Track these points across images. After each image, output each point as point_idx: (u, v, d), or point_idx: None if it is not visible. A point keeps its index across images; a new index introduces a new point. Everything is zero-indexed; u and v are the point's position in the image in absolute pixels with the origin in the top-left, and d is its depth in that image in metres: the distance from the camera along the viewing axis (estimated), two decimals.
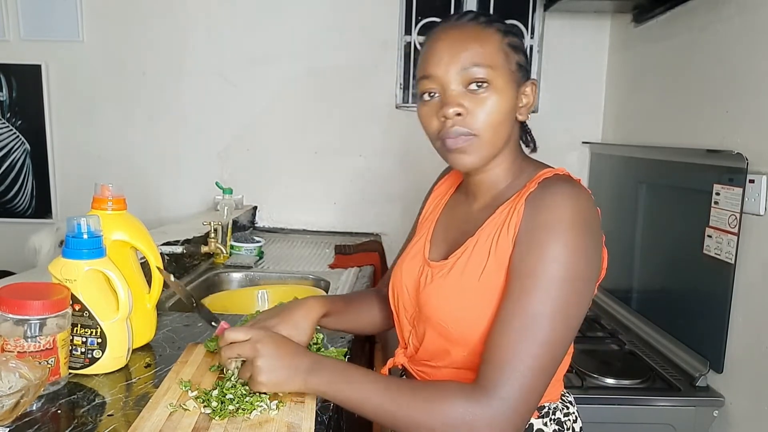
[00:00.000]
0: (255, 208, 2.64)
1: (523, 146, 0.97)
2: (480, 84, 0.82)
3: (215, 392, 0.88)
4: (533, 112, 0.91)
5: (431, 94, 0.85)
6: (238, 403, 0.85)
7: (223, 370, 0.97)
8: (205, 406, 0.85)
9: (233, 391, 0.87)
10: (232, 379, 0.90)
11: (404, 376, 1.03)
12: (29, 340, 0.87)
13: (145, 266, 1.12)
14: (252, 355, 0.84)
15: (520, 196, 0.83)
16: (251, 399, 0.86)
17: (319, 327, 1.04)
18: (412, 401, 0.76)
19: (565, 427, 0.91)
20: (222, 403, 0.85)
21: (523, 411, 0.74)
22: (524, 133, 0.97)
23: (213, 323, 0.96)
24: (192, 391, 0.90)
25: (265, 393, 0.88)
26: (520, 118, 0.88)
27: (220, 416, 0.83)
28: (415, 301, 0.94)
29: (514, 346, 0.74)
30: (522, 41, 0.88)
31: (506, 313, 0.77)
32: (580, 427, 0.95)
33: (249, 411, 0.84)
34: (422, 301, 0.91)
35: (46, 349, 0.88)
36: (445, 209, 1.00)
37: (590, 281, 0.79)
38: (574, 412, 0.95)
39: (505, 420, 0.73)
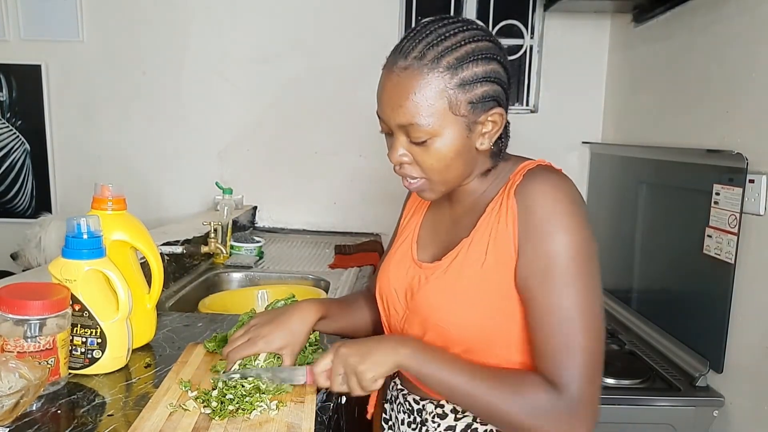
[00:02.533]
0: (255, 208, 2.64)
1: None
2: (419, 138, 0.80)
3: (215, 392, 0.88)
4: (533, 112, 0.90)
5: (383, 131, 0.86)
6: (238, 403, 0.85)
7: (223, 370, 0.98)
8: (204, 406, 0.85)
9: (233, 391, 0.87)
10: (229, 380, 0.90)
11: (396, 378, 1.03)
12: (29, 340, 0.87)
13: (145, 266, 1.12)
14: (343, 364, 0.82)
15: (507, 190, 0.84)
16: (251, 399, 0.86)
17: (315, 331, 1.04)
18: (500, 388, 0.78)
19: None
20: (222, 403, 0.85)
21: (594, 401, 0.78)
22: (499, 140, 0.88)
23: (301, 377, 0.90)
24: (192, 391, 0.90)
25: (264, 393, 0.88)
26: (482, 147, 0.83)
27: (220, 416, 0.83)
28: (407, 303, 0.93)
29: (564, 346, 0.77)
30: (490, 65, 0.79)
31: (541, 316, 0.79)
32: None
33: (249, 411, 0.84)
34: (418, 302, 0.90)
35: (46, 349, 0.88)
36: (429, 212, 1.00)
37: (596, 260, 0.81)
38: None
39: (584, 414, 0.76)
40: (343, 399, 1.02)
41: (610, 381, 1.54)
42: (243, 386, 0.88)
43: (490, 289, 0.83)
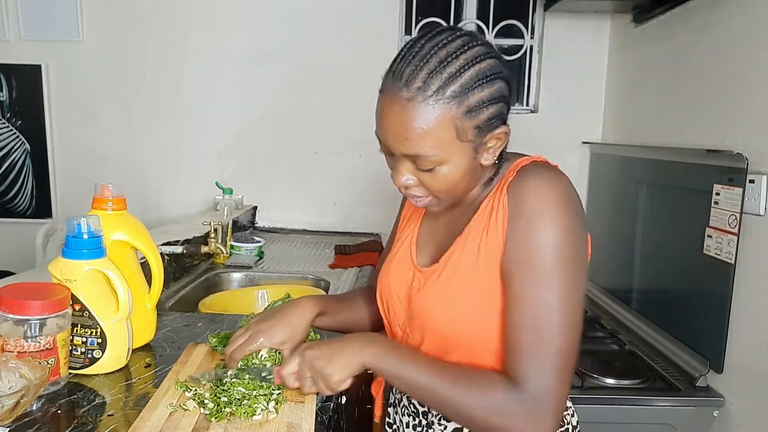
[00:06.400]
0: (255, 208, 2.64)
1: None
2: (426, 167, 0.79)
3: (207, 394, 0.88)
4: (533, 112, 0.89)
5: (383, 152, 0.85)
6: (234, 405, 0.84)
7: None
8: (203, 408, 0.85)
9: (227, 394, 0.86)
10: (224, 381, 0.90)
11: None
12: (29, 340, 0.87)
13: (145, 266, 1.12)
14: (309, 367, 0.84)
15: (501, 187, 0.84)
16: (249, 402, 0.85)
17: (313, 328, 1.04)
18: (461, 387, 0.78)
19: (565, 421, 0.92)
20: (218, 405, 0.84)
21: (556, 401, 0.76)
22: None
23: (267, 375, 0.90)
24: (188, 391, 0.90)
25: (263, 395, 0.88)
26: (487, 162, 0.83)
27: (216, 419, 0.82)
28: (407, 306, 0.93)
29: (533, 342, 0.76)
30: (495, 85, 0.77)
31: (515, 309, 0.78)
32: (577, 421, 0.96)
33: (250, 415, 0.83)
34: (416, 306, 0.90)
35: (46, 349, 0.88)
36: (427, 214, 0.99)
37: (583, 261, 0.80)
38: (571, 407, 0.96)
39: (544, 413, 0.75)
40: (343, 399, 1.02)
41: (610, 381, 1.54)
42: (238, 389, 0.87)
43: (485, 286, 0.82)
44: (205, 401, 0.86)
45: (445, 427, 0.91)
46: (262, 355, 0.93)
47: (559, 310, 0.76)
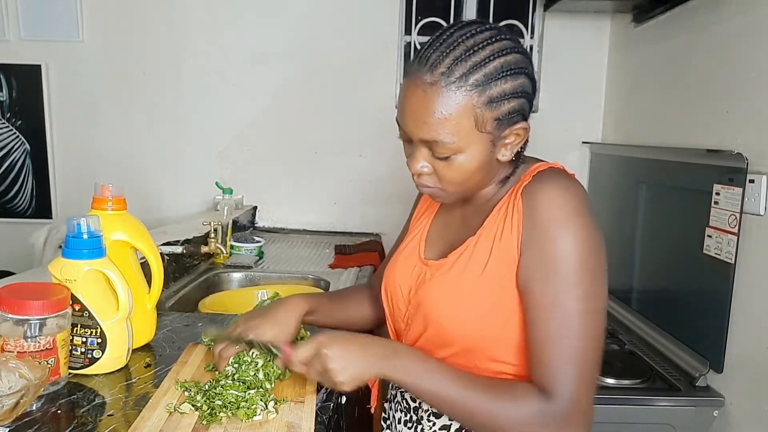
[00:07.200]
0: (255, 208, 2.64)
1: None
2: (442, 154, 0.80)
3: (199, 396, 0.87)
4: (533, 112, 0.88)
5: (402, 138, 0.85)
6: (228, 409, 0.84)
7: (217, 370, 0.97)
8: (198, 412, 0.85)
9: (221, 397, 0.86)
10: (220, 382, 0.89)
11: None
12: (29, 340, 0.87)
13: (145, 266, 1.12)
14: (322, 364, 0.80)
15: (516, 191, 0.84)
16: (248, 404, 0.85)
17: (304, 325, 1.04)
18: (491, 399, 0.77)
19: None
20: (212, 409, 0.83)
21: (587, 408, 0.77)
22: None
23: (274, 350, 0.89)
24: (188, 391, 0.89)
25: (258, 395, 0.87)
26: (504, 159, 0.83)
27: (209, 421, 0.81)
28: (409, 299, 0.93)
29: (559, 349, 0.76)
30: (518, 80, 0.78)
31: (539, 318, 0.78)
32: None
33: (250, 416, 0.83)
34: (420, 297, 0.90)
35: (46, 349, 0.88)
36: (441, 210, 1.00)
37: (603, 265, 0.81)
38: None
39: (577, 420, 0.76)
40: (343, 399, 1.02)
41: (610, 381, 1.54)
42: (230, 392, 0.87)
43: (492, 288, 0.82)
44: (199, 404, 0.85)
45: (434, 423, 0.92)
46: (253, 352, 0.93)
47: (584, 318, 0.76)
